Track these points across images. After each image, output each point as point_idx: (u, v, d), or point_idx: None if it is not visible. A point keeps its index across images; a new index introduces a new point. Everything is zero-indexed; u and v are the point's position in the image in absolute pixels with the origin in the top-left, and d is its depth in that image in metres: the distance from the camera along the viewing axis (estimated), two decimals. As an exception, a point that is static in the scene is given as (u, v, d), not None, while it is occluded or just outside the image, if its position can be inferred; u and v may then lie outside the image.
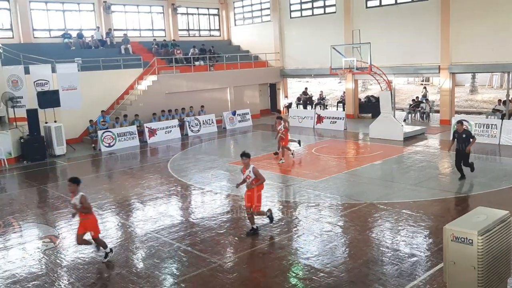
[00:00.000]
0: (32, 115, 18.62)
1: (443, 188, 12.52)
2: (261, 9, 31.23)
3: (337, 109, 28.71)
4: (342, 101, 28.66)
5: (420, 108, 25.24)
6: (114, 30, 27.43)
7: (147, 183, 14.62)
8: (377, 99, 23.99)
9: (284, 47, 29.90)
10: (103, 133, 20.64)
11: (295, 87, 36.32)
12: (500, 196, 11.63)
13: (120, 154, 19.89)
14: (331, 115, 24.42)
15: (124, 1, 28.26)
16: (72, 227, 10.90)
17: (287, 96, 31.21)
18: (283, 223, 10.54)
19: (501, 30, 20.44)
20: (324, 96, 30.73)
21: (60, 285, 8.05)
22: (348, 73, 23.23)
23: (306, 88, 31.67)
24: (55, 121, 19.87)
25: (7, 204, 13.16)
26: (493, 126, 18.28)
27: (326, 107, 29.65)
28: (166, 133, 22.83)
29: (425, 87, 30.04)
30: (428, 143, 18.84)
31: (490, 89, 37.29)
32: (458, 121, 13.48)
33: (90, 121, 21.49)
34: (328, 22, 26.94)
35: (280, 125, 16.77)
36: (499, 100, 22.51)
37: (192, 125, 23.93)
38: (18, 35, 24.23)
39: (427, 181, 13.25)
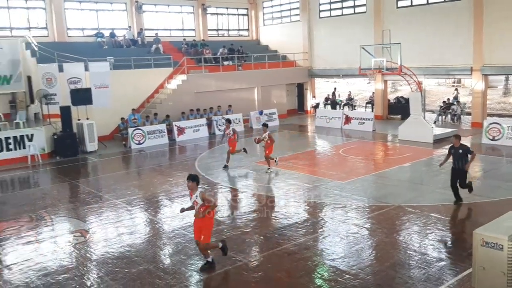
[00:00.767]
0: (65, 112, 19.11)
1: (473, 192, 12.22)
2: (290, 9, 31.19)
3: (366, 110, 28.43)
4: (371, 102, 28.38)
5: (451, 110, 24.74)
6: (145, 30, 27.89)
7: (175, 181, 14.83)
8: (407, 101, 23.63)
9: (313, 47, 29.78)
10: (134, 131, 21.04)
11: (323, 87, 36.12)
12: (534, 202, 11.30)
13: (149, 152, 20.23)
14: (360, 116, 24.21)
15: (155, 1, 28.69)
16: (102, 222, 11.20)
17: (315, 96, 31.08)
18: (309, 224, 10.52)
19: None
20: (353, 97, 30.48)
21: (89, 279, 8.26)
22: (378, 74, 22.97)
23: (335, 89, 31.45)
24: (87, 118, 20.34)
25: (40, 198, 13.58)
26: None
27: (355, 108, 29.41)
28: (194, 132, 23.11)
29: (457, 89, 29.42)
30: (459, 146, 18.42)
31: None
32: (454, 135, 11.40)
33: (121, 119, 21.94)
34: (358, 22, 26.70)
35: (229, 129, 15.95)
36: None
37: (220, 124, 24.10)
38: (53, 34, 24.90)
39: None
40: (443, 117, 24.98)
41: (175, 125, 22.63)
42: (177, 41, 28.59)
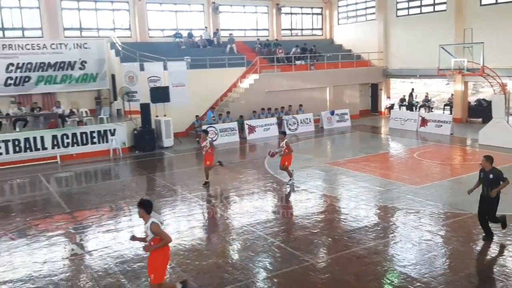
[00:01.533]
0: (145, 109, 20.10)
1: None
2: (366, 8, 30.54)
3: (444, 112, 27.18)
4: (450, 104, 27.08)
5: (539, 114, 23.00)
6: (221, 30, 28.58)
7: (245, 178, 15.12)
8: (489, 103, 22.32)
9: (389, 46, 28.95)
10: (207, 128, 21.66)
11: (398, 88, 34.96)
12: None
13: (221, 149, 20.73)
14: (437, 118, 23.18)
15: (231, 2, 29.29)
16: (176, 215, 11.70)
17: (390, 97, 30.19)
18: (379, 228, 10.30)
19: None
20: (430, 98, 29.24)
21: (163, 268, 8.66)
22: (457, 74, 21.86)
23: (413, 89, 30.29)
24: (165, 115, 21.26)
25: (120, 190, 14.44)
26: None
27: (432, 110, 28.21)
28: (265, 131, 23.36)
29: (546, 91, 27.26)
30: (547, 153, 17.11)
31: None
32: (485, 156, 9.32)
33: (196, 116, 22.69)
34: (437, 21, 25.58)
35: (205, 141, 14.04)
36: None
37: (290, 124, 24.19)
38: (135, 35, 26.25)
39: (544, 195, 12.07)
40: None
41: (246, 124, 23.03)
42: (251, 41, 29.00)
